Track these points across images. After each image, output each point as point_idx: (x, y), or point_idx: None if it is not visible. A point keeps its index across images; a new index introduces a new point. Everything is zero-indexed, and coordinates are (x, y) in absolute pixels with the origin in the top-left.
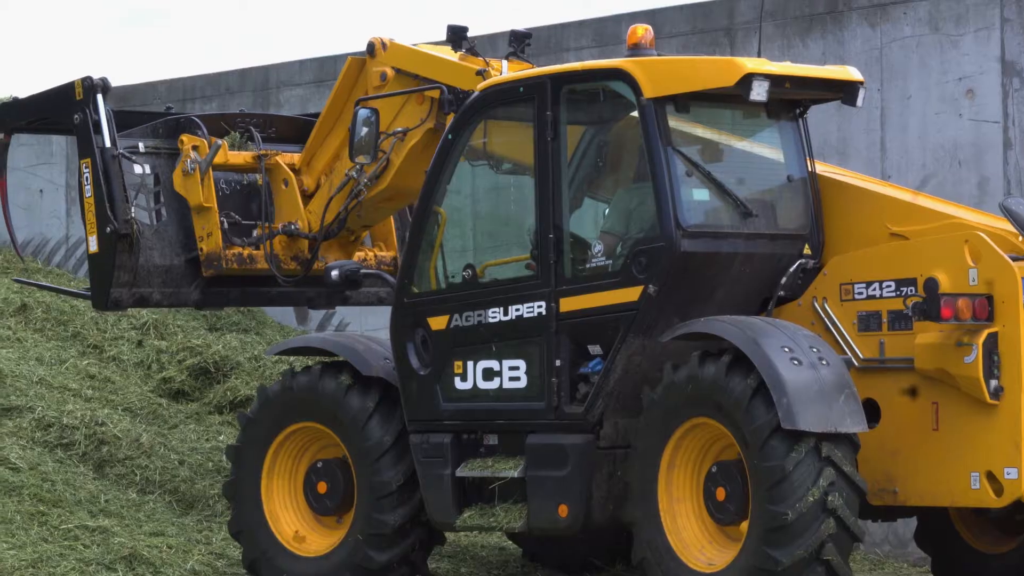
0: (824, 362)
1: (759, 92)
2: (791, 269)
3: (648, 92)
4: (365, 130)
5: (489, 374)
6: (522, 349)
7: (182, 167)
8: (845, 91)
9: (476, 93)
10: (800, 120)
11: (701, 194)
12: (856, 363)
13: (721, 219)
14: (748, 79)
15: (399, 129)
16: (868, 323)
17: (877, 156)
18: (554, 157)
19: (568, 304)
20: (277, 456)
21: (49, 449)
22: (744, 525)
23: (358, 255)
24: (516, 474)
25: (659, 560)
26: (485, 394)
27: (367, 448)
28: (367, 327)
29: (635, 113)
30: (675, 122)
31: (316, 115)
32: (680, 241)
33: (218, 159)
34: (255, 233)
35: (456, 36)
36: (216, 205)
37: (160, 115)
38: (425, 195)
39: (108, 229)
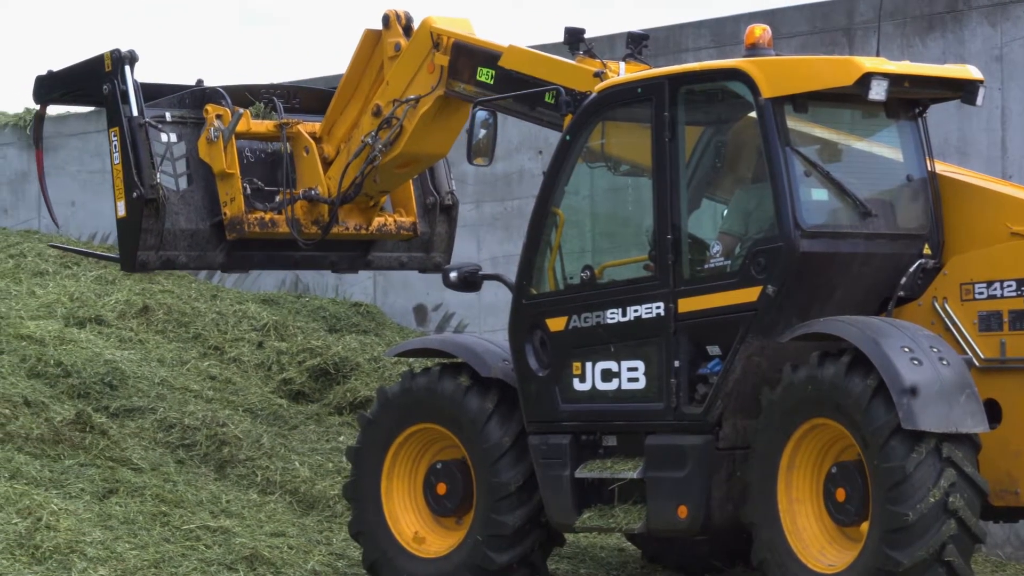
0: (944, 362)
1: (878, 91)
2: (911, 269)
3: (766, 92)
4: (483, 132)
5: (608, 375)
6: (641, 350)
7: (206, 135)
8: (965, 90)
9: (593, 94)
10: (919, 120)
11: (820, 194)
12: (977, 363)
13: (840, 219)
14: (867, 78)
15: (411, 96)
16: (989, 323)
17: (998, 155)
18: (672, 158)
19: (687, 305)
20: (397, 457)
21: (171, 450)
22: (864, 526)
23: (377, 220)
24: (635, 475)
25: (779, 561)
26: (604, 395)
27: (486, 449)
28: (485, 328)
29: (753, 113)
30: (793, 122)
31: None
32: (799, 241)
33: (241, 128)
34: (277, 199)
35: (573, 38)
36: (239, 171)
37: (188, 88)
38: (543, 196)
39: (135, 194)
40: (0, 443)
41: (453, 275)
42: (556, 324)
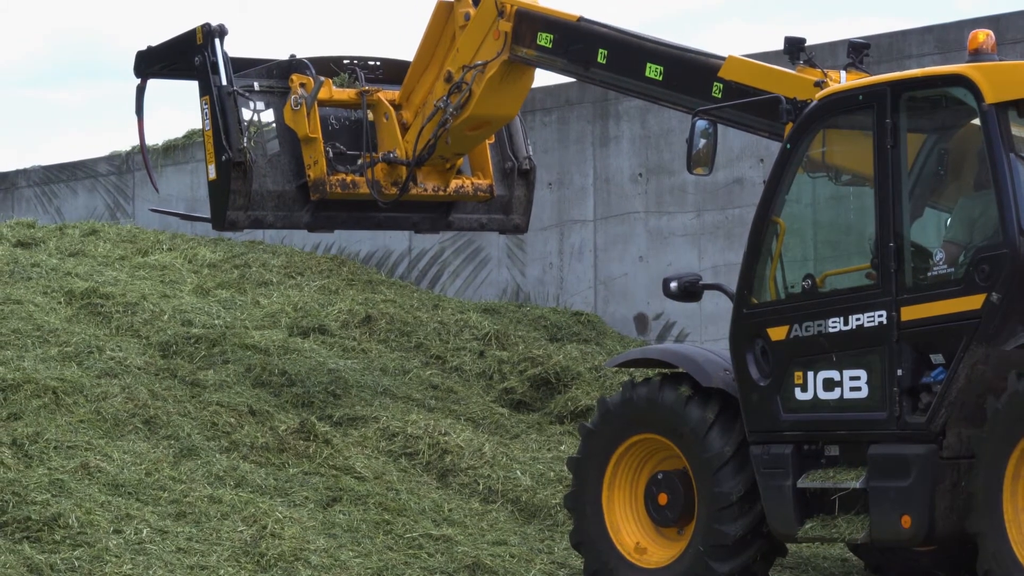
0: None
1: None
2: None
3: (990, 97)
4: (703, 142)
5: (830, 384)
6: (863, 359)
7: (291, 103)
8: None
9: (814, 102)
10: None
11: None
12: None
13: None
14: None
15: (479, 62)
16: None
17: None
18: (894, 165)
19: (909, 313)
20: (618, 467)
21: (393, 458)
22: None
23: (455, 182)
24: (858, 485)
25: (1005, 572)
26: (826, 404)
27: (707, 459)
28: (706, 337)
29: (976, 120)
30: (1018, 128)
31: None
32: None
33: (324, 95)
34: (359, 162)
35: (794, 47)
36: (321, 136)
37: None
38: (763, 205)
39: (224, 158)
40: (226, 452)
41: (674, 285)
42: (777, 333)
